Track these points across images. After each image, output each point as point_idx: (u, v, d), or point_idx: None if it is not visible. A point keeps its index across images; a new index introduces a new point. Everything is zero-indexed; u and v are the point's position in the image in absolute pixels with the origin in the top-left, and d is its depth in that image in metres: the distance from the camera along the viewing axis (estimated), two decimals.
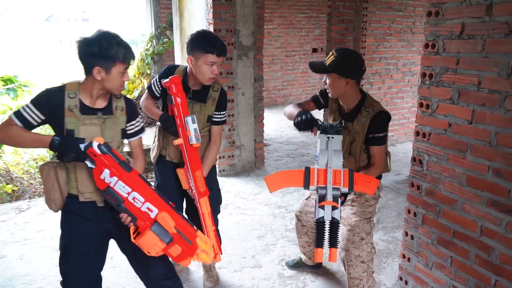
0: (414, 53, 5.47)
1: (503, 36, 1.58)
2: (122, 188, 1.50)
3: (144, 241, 1.49)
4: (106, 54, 1.52)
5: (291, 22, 8.17)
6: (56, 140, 1.53)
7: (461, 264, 1.88)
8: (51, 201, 1.64)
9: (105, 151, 1.50)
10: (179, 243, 1.54)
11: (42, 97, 1.58)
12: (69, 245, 1.69)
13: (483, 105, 1.70)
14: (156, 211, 1.52)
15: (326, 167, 1.62)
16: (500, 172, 1.66)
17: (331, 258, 1.53)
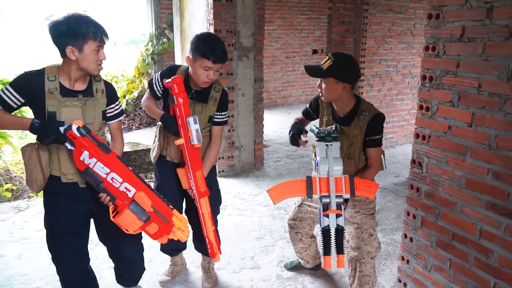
0: (414, 55, 5.48)
1: (503, 39, 1.59)
2: (101, 169, 1.57)
3: (122, 219, 1.57)
4: (76, 32, 1.56)
5: (292, 24, 8.19)
6: (36, 123, 1.58)
7: (460, 266, 1.88)
8: (32, 182, 1.68)
9: (84, 134, 1.55)
10: (156, 221, 1.63)
11: (21, 81, 1.60)
12: (55, 224, 1.77)
13: (483, 108, 1.70)
14: (134, 191, 1.60)
15: (328, 175, 1.65)
16: (499, 175, 1.66)
17: (339, 264, 1.57)
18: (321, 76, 1.93)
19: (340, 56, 1.92)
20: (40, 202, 3.65)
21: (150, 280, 2.48)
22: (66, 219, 1.77)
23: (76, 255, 1.86)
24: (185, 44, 4.64)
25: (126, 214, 1.57)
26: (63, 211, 1.76)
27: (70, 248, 1.82)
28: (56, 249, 1.81)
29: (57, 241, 1.79)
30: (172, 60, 6.52)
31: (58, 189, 1.73)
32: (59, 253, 1.82)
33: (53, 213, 1.77)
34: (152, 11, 6.77)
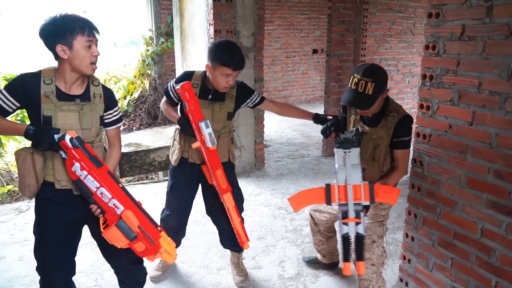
0: (414, 55, 5.48)
1: (503, 38, 1.58)
2: (91, 182, 1.56)
3: (109, 234, 1.57)
4: (62, 29, 1.53)
5: (292, 23, 8.18)
6: (30, 130, 1.54)
7: (461, 265, 1.87)
8: (25, 187, 1.64)
9: (76, 145, 1.53)
10: (143, 241, 1.63)
11: (17, 84, 1.57)
12: (46, 231, 1.70)
13: (484, 107, 1.70)
14: (122, 209, 1.58)
15: (346, 183, 1.66)
16: (500, 173, 1.66)
17: (360, 270, 1.60)
18: (374, 101, 1.84)
19: (375, 72, 1.84)
20: None
21: None
22: (59, 226, 1.70)
23: (65, 266, 1.79)
24: (185, 45, 4.64)
25: (112, 230, 1.57)
26: (55, 218, 1.69)
27: (59, 257, 1.75)
28: (44, 258, 1.73)
29: (47, 249, 1.71)
30: (172, 60, 6.52)
31: (51, 195, 1.67)
32: (47, 262, 1.73)
33: (45, 220, 1.70)
34: (152, 11, 6.77)
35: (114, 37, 47.19)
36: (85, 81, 1.69)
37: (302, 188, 3.98)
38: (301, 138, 6.04)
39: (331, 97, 4.88)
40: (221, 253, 2.78)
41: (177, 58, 5.07)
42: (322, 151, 5.11)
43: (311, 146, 5.55)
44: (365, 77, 1.81)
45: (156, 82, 6.79)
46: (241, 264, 2.54)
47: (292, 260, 2.72)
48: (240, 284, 2.45)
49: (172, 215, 2.35)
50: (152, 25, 6.82)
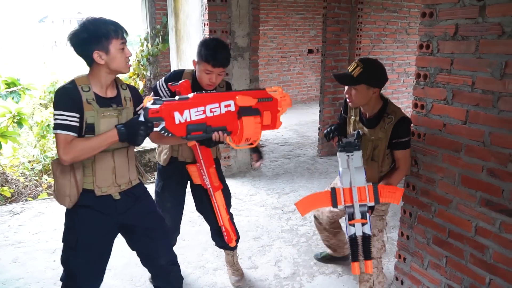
0: (409, 54, 5.50)
1: (496, 37, 1.60)
2: (197, 112, 1.52)
3: (246, 132, 1.55)
4: (98, 35, 1.52)
5: (287, 23, 8.19)
6: (121, 128, 1.51)
7: (456, 263, 1.89)
8: (65, 197, 1.60)
9: (161, 101, 1.49)
10: (265, 107, 1.62)
11: (64, 98, 1.54)
12: (81, 239, 1.66)
13: (477, 106, 1.71)
14: (232, 102, 1.56)
15: (350, 185, 1.71)
16: (494, 172, 1.67)
17: (367, 269, 1.66)
18: (353, 84, 1.90)
19: (369, 62, 1.91)
20: (35, 205, 3.64)
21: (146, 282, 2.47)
22: (96, 234, 1.68)
23: (98, 275, 1.76)
24: (180, 45, 4.63)
25: (246, 122, 1.54)
26: (94, 226, 1.66)
27: (94, 267, 1.73)
28: (77, 266, 1.68)
29: (80, 257, 1.66)
30: (167, 61, 6.51)
31: (91, 202, 1.64)
32: (81, 271, 1.68)
33: (83, 228, 1.65)
34: (147, 12, 6.76)
35: None
36: (114, 83, 1.68)
37: (298, 188, 3.99)
38: (296, 138, 6.04)
39: (326, 96, 4.89)
40: (217, 253, 2.78)
41: (172, 58, 5.06)
42: (318, 151, 5.12)
43: (307, 146, 5.55)
44: (359, 61, 1.91)
45: (151, 83, 6.78)
46: (236, 264, 2.53)
47: (288, 260, 2.73)
48: (236, 284, 2.45)
49: (166, 215, 2.34)
50: (147, 25, 6.80)
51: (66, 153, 1.49)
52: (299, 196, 3.80)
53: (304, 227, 3.19)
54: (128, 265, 2.64)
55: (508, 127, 1.60)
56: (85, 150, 1.50)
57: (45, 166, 5.47)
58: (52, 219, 3.33)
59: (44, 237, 3.03)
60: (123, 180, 1.69)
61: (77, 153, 1.49)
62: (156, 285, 1.95)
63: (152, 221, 1.82)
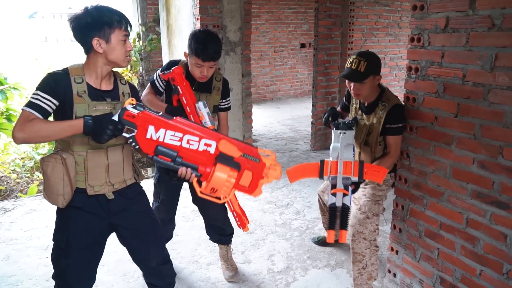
0: (401, 48, 5.51)
1: (486, 30, 1.60)
2: (173, 137, 1.40)
3: (215, 181, 1.38)
4: (101, 22, 1.46)
5: (279, 18, 8.16)
6: (89, 120, 1.39)
7: (447, 255, 1.90)
8: (58, 196, 1.53)
9: (142, 108, 1.41)
10: (247, 166, 1.44)
11: (50, 82, 1.47)
12: (72, 240, 1.61)
13: (468, 98, 1.72)
14: (214, 143, 1.41)
15: (337, 159, 1.81)
16: (484, 164, 1.69)
17: (342, 239, 1.69)
18: (364, 79, 2.01)
19: (368, 54, 2.05)
20: (27, 202, 3.60)
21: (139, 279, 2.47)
22: (87, 235, 1.62)
23: (89, 275, 1.72)
24: (172, 40, 4.59)
25: (218, 171, 1.37)
26: (84, 227, 1.61)
27: (84, 267, 1.68)
28: (67, 267, 1.63)
29: (71, 258, 1.61)
30: (159, 56, 6.46)
31: (82, 203, 1.59)
32: (71, 271, 1.64)
33: (74, 228, 1.60)
34: (138, 7, 6.69)
35: None
36: (112, 77, 1.63)
37: None
38: (289, 132, 6.05)
39: (319, 91, 4.89)
40: (211, 248, 2.78)
41: (164, 53, 5.02)
42: (311, 145, 5.12)
43: (300, 140, 5.56)
44: (359, 57, 2.02)
45: (144, 78, 6.72)
46: (230, 259, 2.54)
47: (281, 254, 2.73)
48: (230, 279, 2.46)
49: (161, 206, 2.35)
50: (138, 20, 6.73)
51: (21, 129, 1.38)
52: (292, 191, 3.81)
53: (297, 221, 3.20)
54: (121, 261, 2.63)
55: (498, 119, 1.61)
56: (42, 132, 1.39)
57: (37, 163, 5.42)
58: (44, 216, 3.31)
59: (36, 234, 3.01)
60: (117, 179, 1.63)
61: (33, 133, 1.38)
62: (148, 281, 1.93)
63: (145, 223, 1.76)
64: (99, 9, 1.49)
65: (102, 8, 1.50)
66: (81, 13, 1.48)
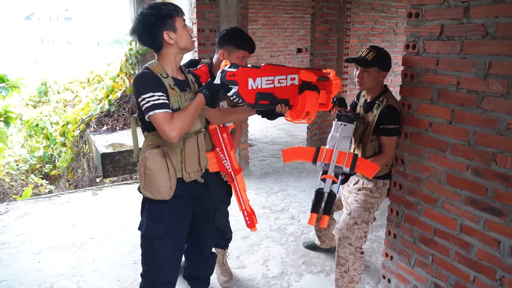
0: (397, 54, 5.54)
1: (480, 38, 1.61)
2: (267, 82, 1.61)
3: (309, 103, 1.66)
4: (163, 16, 1.54)
5: (276, 23, 8.19)
6: (206, 92, 1.54)
7: (441, 261, 1.91)
8: (165, 189, 1.59)
9: (238, 65, 1.56)
10: (322, 86, 1.76)
11: (149, 82, 1.53)
12: (171, 229, 1.67)
13: (462, 105, 1.73)
14: (297, 75, 1.68)
15: (333, 148, 1.86)
16: (478, 170, 1.69)
17: (323, 223, 1.76)
18: (368, 65, 2.09)
19: (379, 48, 2.12)
20: (21, 206, 3.58)
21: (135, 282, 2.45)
22: (183, 222, 1.72)
23: (179, 264, 1.79)
24: None
25: (308, 97, 1.66)
26: (181, 214, 1.70)
27: (178, 255, 1.75)
28: (166, 257, 1.68)
29: (169, 247, 1.68)
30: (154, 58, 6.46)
31: (181, 192, 1.66)
32: (168, 261, 1.70)
33: (173, 217, 1.67)
34: (135, 10, 6.68)
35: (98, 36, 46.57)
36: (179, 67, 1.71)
37: (286, 187, 3.99)
38: (285, 137, 6.05)
39: None
40: None
41: None
42: None
43: (296, 145, 5.56)
44: (371, 48, 2.12)
45: None
46: (225, 264, 2.53)
47: (276, 259, 2.73)
48: (224, 284, 2.45)
49: None
50: None
51: (173, 129, 1.46)
52: (287, 195, 3.81)
53: (292, 226, 3.19)
54: (115, 265, 2.62)
55: (491, 126, 1.62)
56: (187, 121, 1.51)
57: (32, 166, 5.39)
58: (38, 220, 3.29)
59: (29, 238, 2.98)
60: (204, 163, 1.76)
61: (182, 126, 1.49)
62: (191, 274, 1.98)
63: (211, 210, 1.90)
64: (154, 7, 1.57)
65: (155, 5, 1.58)
66: (140, 17, 1.56)
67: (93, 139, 5.02)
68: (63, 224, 3.21)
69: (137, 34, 1.58)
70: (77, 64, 12.61)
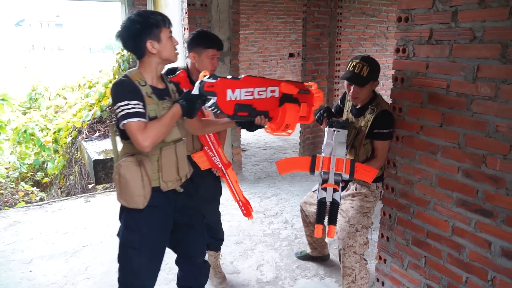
0: (388, 58, 5.58)
1: (468, 42, 1.64)
2: (246, 93, 1.60)
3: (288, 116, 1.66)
4: (149, 24, 1.54)
5: (268, 27, 8.22)
6: (183, 103, 1.54)
7: (434, 263, 1.92)
8: (139, 197, 1.57)
9: (217, 76, 1.55)
10: (302, 99, 1.75)
11: (126, 90, 1.52)
12: (146, 238, 1.65)
13: (452, 108, 1.75)
14: (277, 88, 1.67)
15: (330, 155, 1.85)
16: (469, 172, 1.71)
17: (330, 234, 1.72)
18: (366, 83, 2.08)
19: (370, 60, 2.12)
20: (11, 214, 3.53)
21: None
22: (159, 232, 1.69)
23: (157, 271, 1.76)
24: None
25: (288, 109, 1.65)
26: (158, 224, 1.67)
27: (155, 264, 1.73)
28: (141, 265, 1.67)
29: (144, 257, 1.66)
30: None
31: (157, 201, 1.63)
32: (143, 269, 1.68)
33: (147, 228, 1.65)
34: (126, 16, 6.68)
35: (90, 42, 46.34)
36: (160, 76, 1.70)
37: (280, 192, 4.00)
38: (278, 141, 6.06)
39: None
40: None
41: None
42: (300, 154, 5.14)
43: (289, 149, 5.58)
44: (363, 62, 2.08)
45: None
46: (219, 266, 2.54)
47: (270, 264, 2.72)
48: (218, 285, 2.45)
49: None
50: None
51: (145, 138, 1.46)
52: (281, 200, 3.81)
53: (286, 231, 3.19)
54: (107, 273, 2.59)
55: (481, 129, 1.64)
56: (161, 131, 1.50)
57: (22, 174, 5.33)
58: (29, 228, 3.25)
59: (20, 247, 2.95)
60: (183, 172, 1.73)
61: (155, 136, 1.48)
62: (184, 284, 1.96)
63: (198, 220, 1.87)
64: (142, 14, 1.56)
65: (143, 12, 1.57)
66: (127, 23, 1.56)
67: (85, 145, 4.99)
68: (54, 232, 3.18)
69: (122, 39, 1.57)
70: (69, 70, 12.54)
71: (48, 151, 5.25)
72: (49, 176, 5.36)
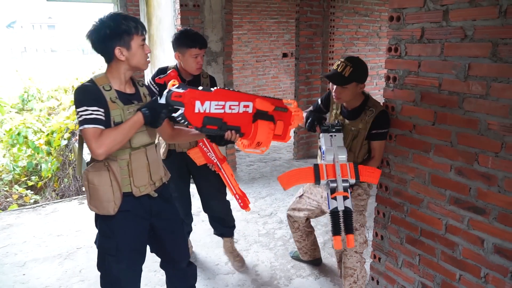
0: (381, 57, 5.61)
1: (459, 40, 1.65)
2: (217, 106, 1.53)
3: (260, 135, 1.59)
4: (120, 31, 1.49)
5: (261, 28, 8.22)
6: (146, 111, 1.50)
7: (428, 261, 1.93)
8: (109, 203, 1.55)
9: (186, 87, 1.49)
10: (279, 117, 1.66)
11: (87, 95, 1.49)
12: (122, 244, 1.63)
13: (444, 107, 1.76)
14: (251, 103, 1.60)
15: (334, 162, 1.80)
16: (461, 170, 1.72)
17: (349, 244, 1.68)
18: (347, 83, 1.99)
19: (356, 60, 2.03)
20: (4, 217, 3.50)
21: None
22: (136, 237, 1.66)
23: (138, 277, 1.74)
24: (153, 50, 4.58)
25: (260, 126, 1.59)
26: (133, 229, 1.64)
27: (136, 269, 1.71)
28: (120, 272, 1.65)
29: (123, 262, 1.64)
30: None
31: (130, 206, 1.61)
32: (124, 276, 1.66)
33: (123, 233, 1.62)
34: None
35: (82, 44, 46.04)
36: (131, 80, 1.66)
37: (274, 192, 4.00)
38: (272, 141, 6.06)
39: (301, 100, 4.93)
40: (197, 260, 2.74)
41: None
42: (294, 154, 5.15)
43: (283, 149, 5.58)
44: (347, 61, 2.00)
45: None
46: (235, 250, 2.68)
47: (265, 264, 2.72)
48: (240, 269, 2.62)
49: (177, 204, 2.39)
50: None
51: (99, 146, 1.43)
52: (275, 200, 3.81)
53: (281, 231, 3.19)
54: None
55: (473, 127, 1.65)
56: (117, 139, 1.46)
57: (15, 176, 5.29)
58: (22, 231, 3.22)
59: (13, 250, 2.92)
60: (157, 176, 1.69)
61: (110, 144, 1.45)
62: (174, 286, 1.96)
63: (177, 225, 1.84)
64: (114, 18, 1.51)
65: (117, 16, 1.52)
66: (98, 25, 1.51)
67: None
68: (48, 235, 3.15)
69: (90, 40, 1.53)
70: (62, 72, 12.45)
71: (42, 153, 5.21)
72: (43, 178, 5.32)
